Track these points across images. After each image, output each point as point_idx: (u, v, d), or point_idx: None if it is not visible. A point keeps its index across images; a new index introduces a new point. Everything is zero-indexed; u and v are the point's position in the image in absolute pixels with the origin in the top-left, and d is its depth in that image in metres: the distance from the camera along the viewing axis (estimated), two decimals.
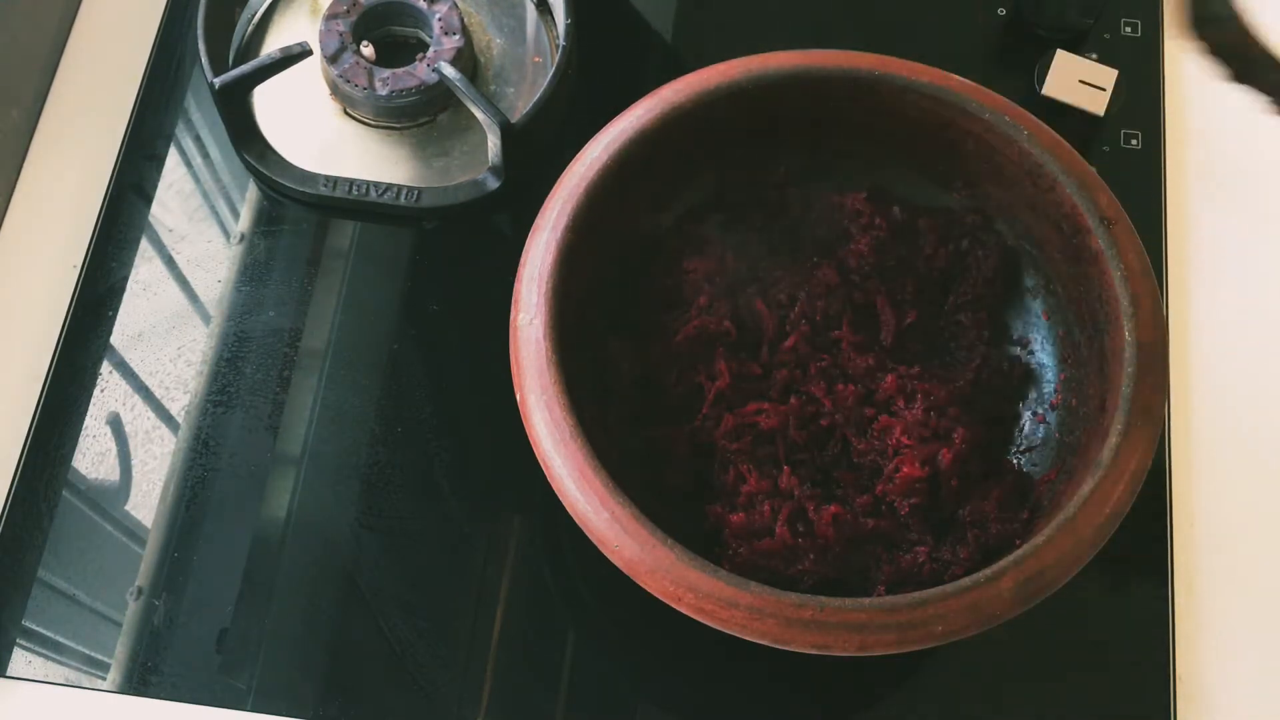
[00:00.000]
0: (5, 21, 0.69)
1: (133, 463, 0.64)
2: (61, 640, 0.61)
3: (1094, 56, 0.72)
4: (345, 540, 0.62)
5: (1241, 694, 0.61)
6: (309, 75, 0.72)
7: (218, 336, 0.67)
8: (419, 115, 0.71)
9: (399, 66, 0.70)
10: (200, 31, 0.69)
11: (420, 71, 0.69)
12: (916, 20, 0.76)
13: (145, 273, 0.68)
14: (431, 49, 0.70)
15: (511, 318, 0.54)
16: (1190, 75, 0.74)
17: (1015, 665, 0.61)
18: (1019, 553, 0.49)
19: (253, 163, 0.69)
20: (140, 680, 0.59)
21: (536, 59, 0.74)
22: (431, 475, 0.64)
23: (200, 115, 0.73)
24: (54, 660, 0.60)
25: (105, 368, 0.66)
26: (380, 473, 0.64)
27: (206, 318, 0.67)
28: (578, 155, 0.57)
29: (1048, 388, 0.60)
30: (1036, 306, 0.61)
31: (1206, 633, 0.61)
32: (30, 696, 0.59)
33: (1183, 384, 0.66)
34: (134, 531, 0.63)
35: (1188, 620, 0.61)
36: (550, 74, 0.69)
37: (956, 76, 0.59)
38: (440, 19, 0.71)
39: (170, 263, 0.69)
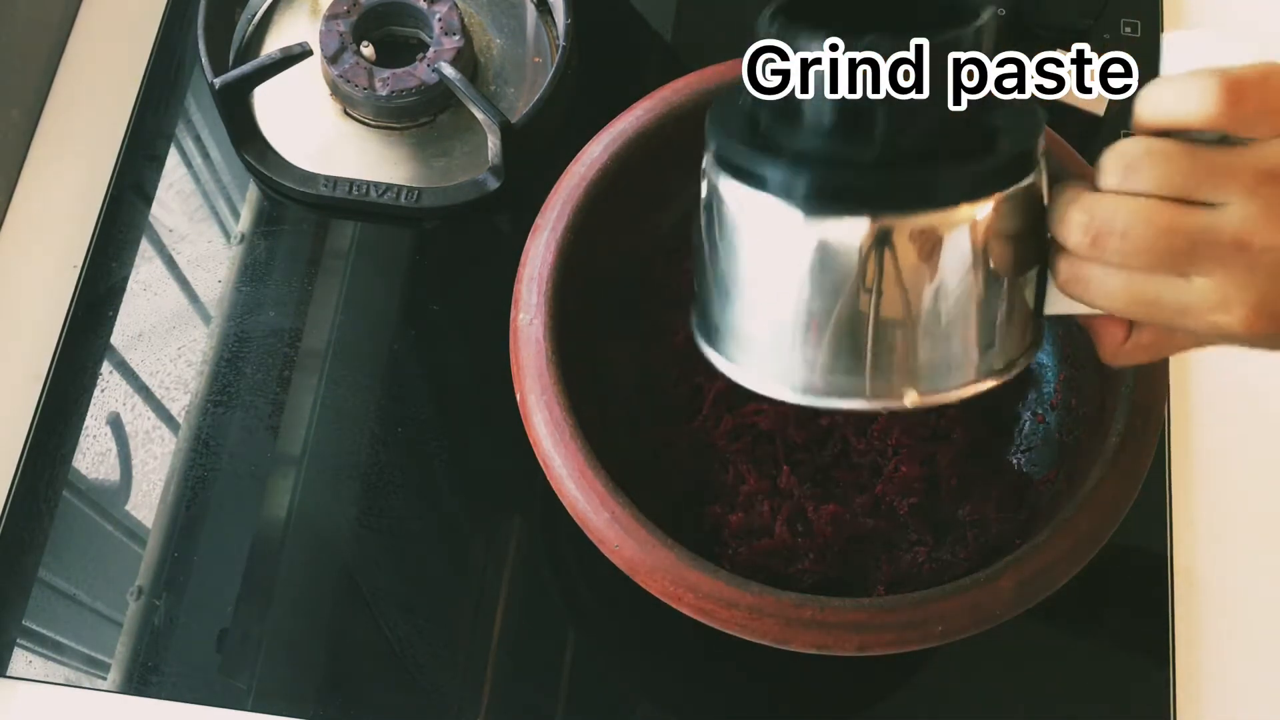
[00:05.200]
0: (5, 21, 0.69)
1: (133, 463, 0.64)
2: (61, 640, 0.61)
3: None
4: (345, 540, 0.62)
5: (1241, 694, 0.61)
6: (309, 75, 0.72)
7: (218, 336, 0.67)
8: (419, 115, 0.71)
9: (399, 67, 0.70)
10: (200, 31, 0.69)
11: (420, 72, 0.69)
12: None
13: (145, 273, 0.68)
14: (431, 49, 0.70)
15: (511, 318, 0.54)
16: None
17: (1015, 665, 0.61)
18: (1019, 553, 0.49)
19: (253, 163, 0.69)
20: (140, 680, 0.59)
21: (536, 59, 0.74)
22: (431, 475, 0.64)
23: (200, 115, 0.73)
24: (54, 660, 0.60)
25: (105, 368, 0.66)
26: (380, 473, 0.64)
27: (206, 318, 0.67)
28: (578, 155, 0.57)
29: (1048, 388, 0.60)
30: None
31: (1206, 633, 0.61)
32: (30, 696, 0.59)
33: (1183, 384, 0.66)
34: (134, 531, 0.63)
35: (1188, 620, 0.61)
36: (550, 74, 0.69)
37: None
38: (440, 19, 0.71)
39: (170, 263, 0.69)
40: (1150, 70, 0.38)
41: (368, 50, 0.71)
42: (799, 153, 0.39)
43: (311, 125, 0.72)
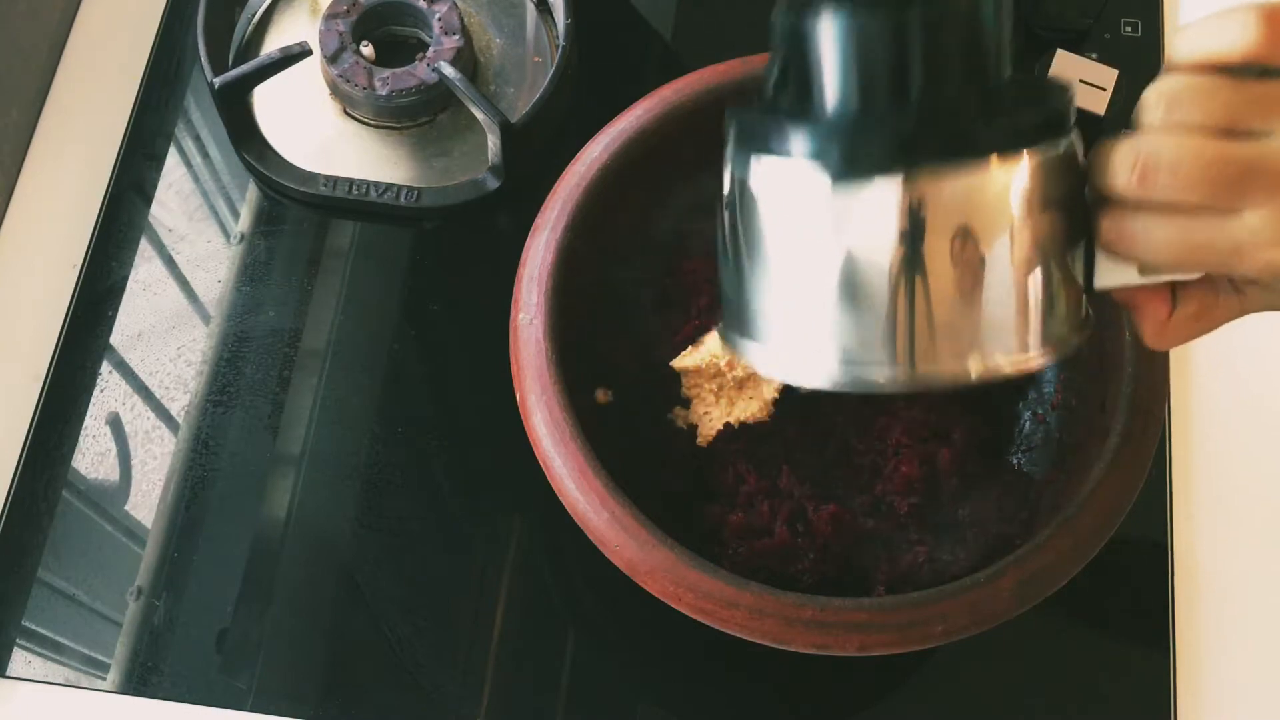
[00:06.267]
0: (5, 21, 0.69)
1: (133, 463, 0.64)
2: (61, 640, 0.61)
3: (1094, 56, 0.72)
4: (345, 540, 0.62)
5: (1242, 693, 0.61)
6: (309, 75, 0.72)
7: (218, 336, 0.67)
8: (419, 115, 0.71)
9: (399, 66, 0.70)
10: (200, 31, 0.69)
11: (420, 71, 0.69)
12: None
13: (145, 273, 0.68)
14: (431, 49, 0.70)
15: (511, 318, 0.54)
16: None
17: (1014, 665, 0.61)
18: (1019, 553, 0.49)
19: (253, 163, 0.69)
20: (140, 680, 0.59)
21: (536, 59, 0.74)
22: (431, 475, 0.64)
23: (200, 115, 0.73)
24: (54, 660, 0.60)
25: (105, 368, 0.66)
26: (380, 473, 0.64)
27: (206, 318, 0.67)
28: (578, 155, 0.57)
29: (1048, 388, 0.60)
30: None
31: (1206, 632, 0.61)
32: (30, 696, 0.59)
33: (1183, 384, 0.66)
34: (134, 531, 0.63)
35: (1187, 620, 0.61)
36: (550, 74, 0.69)
37: None
38: (440, 19, 0.71)
39: (170, 263, 0.69)
40: (1152, 69, 0.38)
41: (367, 50, 0.71)
42: (826, 121, 0.38)
43: (311, 125, 0.72)
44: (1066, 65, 0.70)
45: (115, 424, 0.65)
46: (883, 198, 0.37)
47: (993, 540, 0.55)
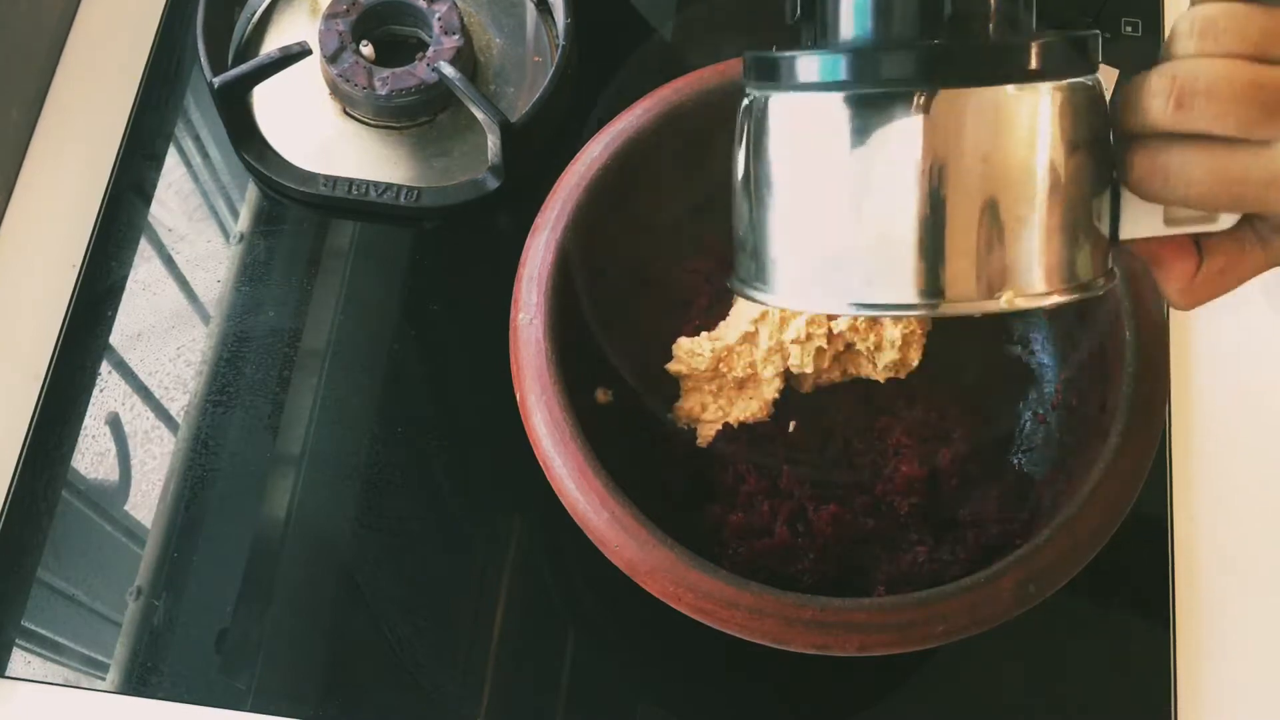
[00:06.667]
0: (5, 21, 0.69)
1: (132, 463, 0.64)
2: (61, 640, 0.61)
3: None
4: (345, 540, 0.62)
5: (1242, 694, 0.61)
6: (309, 75, 0.72)
7: (217, 336, 0.67)
8: (419, 115, 0.71)
9: (399, 66, 0.70)
10: (200, 31, 0.69)
11: (420, 71, 0.69)
12: None
13: (145, 273, 0.68)
14: (431, 48, 0.70)
15: (511, 318, 0.54)
16: None
17: (1014, 666, 0.61)
18: (1019, 553, 0.49)
19: (252, 162, 0.69)
20: (140, 680, 0.59)
21: (536, 59, 0.74)
22: (431, 475, 0.64)
23: (200, 115, 0.73)
24: (53, 660, 0.60)
25: (105, 368, 0.66)
26: (380, 473, 0.64)
27: (206, 318, 0.67)
28: (578, 155, 0.57)
29: (1048, 388, 0.60)
30: None
31: (1206, 633, 0.61)
32: (30, 696, 0.59)
33: (1183, 384, 0.66)
34: (134, 531, 0.63)
35: (1188, 620, 0.61)
36: (550, 74, 0.69)
37: None
38: (440, 18, 0.71)
39: (170, 263, 0.69)
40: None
41: (367, 50, 0.71)
42: (848, 48, 0.38)
43: (311, 125, 0.72)
44: None
45: (115, 424, 0.65)
46: (907, 118, 0.36)
47: (993, 540, 0.55)
